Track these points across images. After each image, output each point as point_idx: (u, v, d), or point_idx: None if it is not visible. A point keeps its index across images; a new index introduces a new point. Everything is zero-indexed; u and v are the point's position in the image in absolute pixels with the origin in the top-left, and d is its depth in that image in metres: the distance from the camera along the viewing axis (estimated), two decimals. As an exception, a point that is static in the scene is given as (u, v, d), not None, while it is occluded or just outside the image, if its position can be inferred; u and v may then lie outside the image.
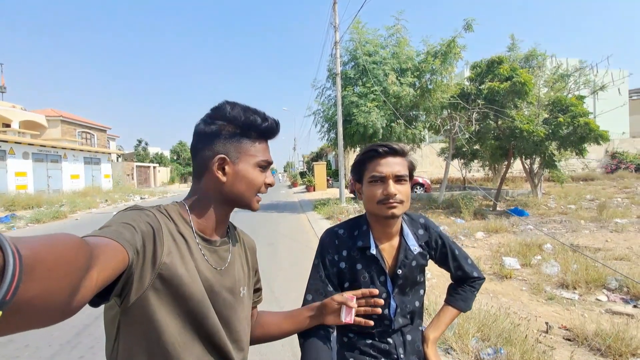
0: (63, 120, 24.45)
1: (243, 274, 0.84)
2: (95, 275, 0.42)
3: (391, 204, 1.00)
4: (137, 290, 0.62)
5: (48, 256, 0.32)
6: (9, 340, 2.83)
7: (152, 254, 0.63)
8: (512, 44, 12.88)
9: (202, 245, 0.74)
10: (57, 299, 0.33)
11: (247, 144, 0.77)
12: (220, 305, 0.74)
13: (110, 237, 0.53)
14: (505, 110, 9.57)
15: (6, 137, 16.18)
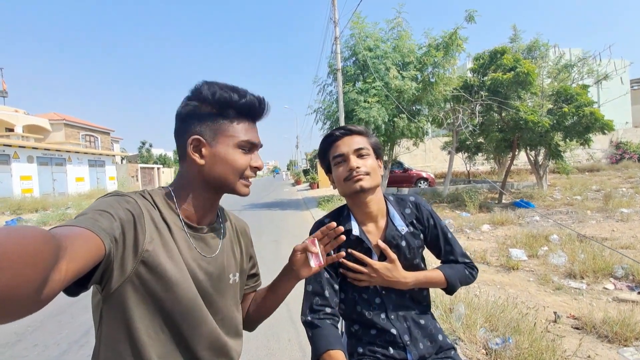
0: (66, 124, 24.61)
1: (234, 261, 0.83)
2: (65, 267, 0.41)
3: (356, 177, 1.01)
4: (119, 278, 0.60)
5: (8, 249, 0.31)
6: (18, 340, 2.85)
7: (134, 241, 0.62)
8: (515, 35, 12.73)
9: (189, 232, 0.73)
10: (22, 291, 0.32)
11: (225, 124, 0.72)
12: (208, 292, 0.73)
13: (84, 226, 0.51)
14: (509, 101, 9.48)
15: (10, 142, 16.32)
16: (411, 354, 1.01)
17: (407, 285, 1.04)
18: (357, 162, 1.02)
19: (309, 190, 21.29)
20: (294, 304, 3.38)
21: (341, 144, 1.05)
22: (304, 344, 2.65)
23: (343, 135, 1.06)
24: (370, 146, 1.07)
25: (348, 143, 1.05)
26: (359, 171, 1.01)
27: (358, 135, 1.07)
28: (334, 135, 1.07)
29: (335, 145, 1.07)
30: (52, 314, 3.36)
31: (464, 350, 2.28)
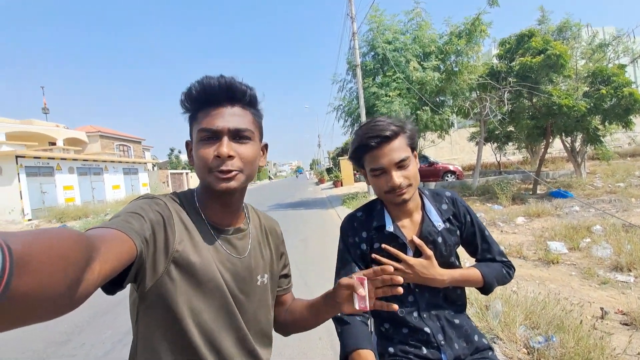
0: (102, 135, 26.10)
1: (263, 262, 0.81)
2: (98, 267, 0.42)
3: (399, 192, 0.96)
4: (152, 277, 0.62)
5: (41, 250, 0.31)
6: (67, 339, 3.05)
7: (164, 242, 0.63)
8: (542, 17, 12.02)
9: (215, 234, 0.73)
10: (55, 292, 0.33)
11: (193, 120, 0.70)
12: (237, 293, 0.73)
13: (117, 228, 0.53)
14: (540, 86, 8.98)
15: (53, 154, 17.49)
16: (446, 355, 0.97)
17: (444, 283, 0.98)
18: (399, 177, 0.95)
19: (333, 189, 21.28)
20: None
21: (380, 156, 0.96)
22: (335, 342, 2.65)
23: (379, 144, 0.95)
24: (408, 146, 0.99)
25: (387, 154, 0.95)
26: (401, 186, 0.95)
27: (395, 139, 0.96)
28: (369, 146, 0.96)
29: (372, 155, 0.97)
30: (97, 314, 3.57)
31: (503, 350, 2.18)
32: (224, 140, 0.67)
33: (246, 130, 0.69)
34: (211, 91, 0.66)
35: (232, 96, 0.68)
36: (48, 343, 3.01)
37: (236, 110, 0.69)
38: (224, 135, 0.67)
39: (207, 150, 0.67)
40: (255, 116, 0.73)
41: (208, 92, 0.67)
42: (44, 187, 16.50)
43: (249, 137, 0.70)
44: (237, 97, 0.69)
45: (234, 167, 0.67)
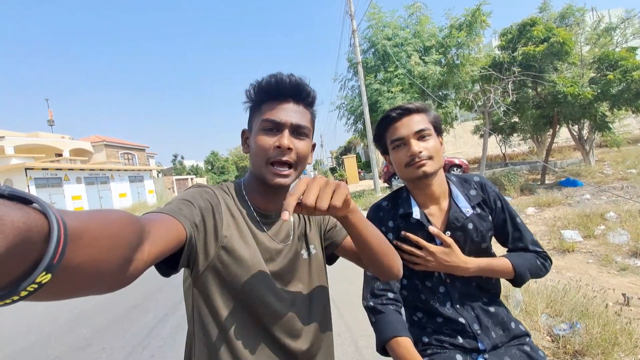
0: (106, 145, 26.35)
1: (305, 238, 0.83)
2: (147, 248, 0.44)
3: (419, 163, 0.95)
4: (204, 262, 0.66)
5: (95, 226, 0.33)
6: (88, 344, 3.07)
7: (213, 228, 0.66)
8: (544, 4, 11.90)
9: (260, 220, 0.75)
10: (106, 267, 0.35)
11: (257, 110, 0.74)
12: (282, 276, 0.75)
13: (168, 213, 0.57)
14: (544, 75, 8.89)
15: (61, 165, 17.70)
16: (483, 343, 0.94)
17: (468, 271, 0.95)
18: (418, 146, 0.95)
19: (339, 188, 21.21)
20: (339, 299, 3.38)
21: (400, 126, 0.97)
22: (355, 336, 2.64)
23: (401, 115, 0.98)
24: (431, 124, 0.99)
25: (407, 125, 0.96)
26: (421, 156, 0.94)
27: (417, 114, 0.98)
28: (391, 117, 0.99)
29: (393, 127, 0.99)
30: (115, 319, 3.59)
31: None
32: (285, 132, 0.70)
33: (305, 128, 0.73)
34: (281, 86, 0.70)
35: (298, 94, 0.72)
36: (69, 348, 3.03)
37: (299, 108, 0.73)
38: (286, 128, 0.70)
39: (268, 139, 0.70)
40: (312, 116, 0.78)
41: (279, 86, 0.70)
42: (53, 197, 16.70)
43: (307, 134, 0.74)
44: (302, 96, 0.73)
45: (290, 159, 0.70)
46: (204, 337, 0.68)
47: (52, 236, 0.27)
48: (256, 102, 0.74)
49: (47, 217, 0.28)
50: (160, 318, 3.49)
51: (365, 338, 2.61)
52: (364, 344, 2.54)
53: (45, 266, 0.27)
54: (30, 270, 0.27)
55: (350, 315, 3.03)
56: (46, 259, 0.27)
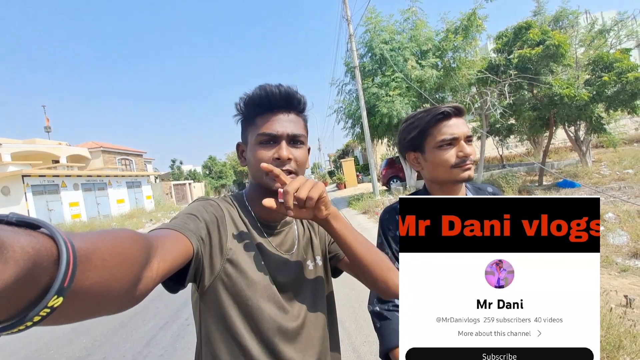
0: (104, 151, 26.24)
1: (312, 248, 0.82)
2: (156, 265, 0.44)
3: (467, 166, 0.94)
4: (210, 276, 0.65)
5: (103, 247, 0.33)
6: (87, 354, 3.04)
7: (219, 241, 0.66)
8: (538, 7, 12.06)
9: (265, 230, 0.75)
10: (117, 287, 0.35)
11: (250, 123, 0.74)
12: (288, 286, 0.74)
13: (174, 228, 0.58)
14: (540, 77, 8.97)
15: (58, 172, 17.60)
16: None
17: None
18: (470, 149, 0.94)
19: (337, 191, 21.25)
20: (339, 305, 3.37)
21: (455, 125, 0.94)
22: (356, 343, 2.63)
23: (454, 114, 0.95)
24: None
25: (461, 125, 0.94)
26: (470, 160, 0.94)
27: (463, 117, 0.97)
28: (446, 112, 0.94)
29: (445, 124, 0.95)
30: (115, 329, 3.56)
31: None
32: (283, 144, 0.71)
33: (301, 136, 0.74)
34: (272, 97, 0.71)
35: (290, 104, 0.73)
36: (68, 358, 3.00)
37: (292, 116, 0.74)
38: (283, 140, 0.71)
39: (266, 153, 0.71)
40: (305, 122, 0.79)
41: (270, 99, 0.71)
42: (50, 204, 16.59)
43: (303, 141, 0.76)
44: (294, 104, 0.74)
45: (291, 168, 0.72)
46: (211, 353, 0.68)
47: (62, 259, 0.28)
48: (248, 115, 0.74)
49: (56, 241, 0.28)
50: (161, 326, 3.46)
51: (368, 344, 2.59)
52: (367, 350, 2.52)
53: (57, 290, 0.27)
54: (42, 295, 0.27)
55: (351, 322, 3.01)
56: (57, 283, 0.27)
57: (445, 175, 0.97)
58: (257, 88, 0.72)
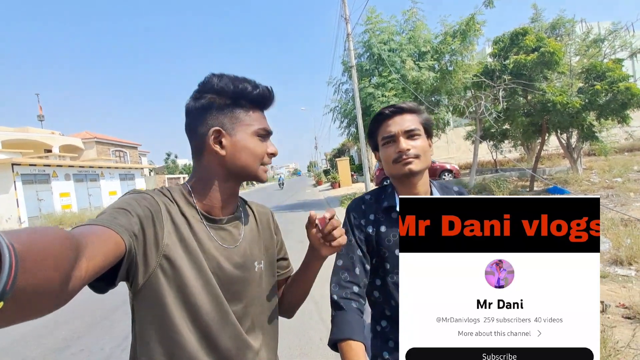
0: (97, 142, 25.95)
1: (258, 248, 0.82)
2: (85, 264, 0.42)
3: (406, 160, 0.96)
4: (144, 274, 0.62)
5: (35, 248, 0.32)
6: (67, 345, 3.01)
7: (154, 236, 0.63)
8: (535, 14, 12.17)
9: (208, 224, 0.73)
10: (48, 288, 0.34)
11: (241, 113, 0.74)
12: (230, 283, 0.72)
13: (103, 224, 0.53)
14: (534, 83, 9.05)
15: (49, 162, 17.40)
16: None
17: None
18: (407, 144, 0.97)
19: (331, 190, 21.27)
20: (322, 302, 3.37)
21: (391, 124, 1.00)
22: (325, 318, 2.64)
23: (393, 114, 1.00)
24: (422, 125, 1.01)
25: (398, 122, 0.99)
26: (408, 154, 0.96)
27: (409, 114, 1.00)
28: (384, 114, 1.02)
29: (385, 124, 1.02)
30: (95, 321, 3.53)
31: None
32: (270, 141, 0.81)
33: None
34: (269, 100, 0.79)
35: (270, 106, 0.81)
36: (47, 349, 2.97)
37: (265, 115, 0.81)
38: (270, 136, 0.80)
39: (262, 145, 0.77)
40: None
41: (268, 100, 0.78)
42: (40, 194, 16.39)
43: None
44: (270, 107, 0.81)
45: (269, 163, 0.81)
46: (145, 353, 0.65)
47: (4, 263, 0.26)
48: (240, 104, 0.75)
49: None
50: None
51: (347, 342, 2.60)
52: (345, 349, 2.53)
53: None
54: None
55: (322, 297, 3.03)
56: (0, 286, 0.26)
57: (390, 171, 1.02)
58: (259, 86, 0.76)
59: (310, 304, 3.45)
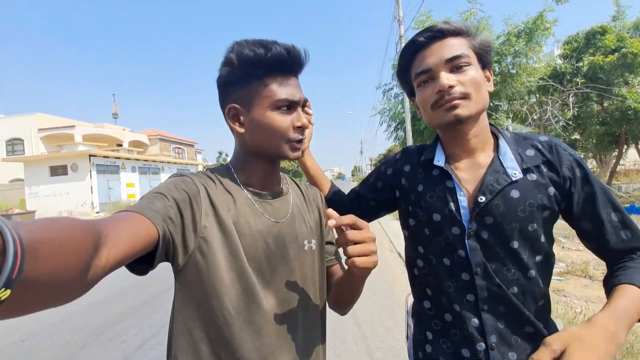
0: (161, 139, 28.43)
1: (306, 227, 0.76)
2: (106, 252, 0.43)
3: (449, 102, 0.69)
4: (184, 256, 0.62)
5: (50, 237, 0.33)
6: (120, 320, 3.29)
7: (192, 219, 0.62)
8: (617, 12, 10.86)
9: (254, 199, 0.70)
10: (65, 277, 0.34)
11: (257, 84, 0.66)
12: (276, 257, 0.68)
13: (136, 210, 0.54)
14: (612, 88, 8.04)
15: (119, 155, 19.38)
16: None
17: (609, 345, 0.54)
18: (449, 79, 0.69)
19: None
20: (358, 307, 3.28)
21: (428, 54, 0.72)
22: (371, 348, 2.54)
23: (430, 40, 0.72)
24: (473, 50, 0.73)
25: (437, 52, 0.71)
26: (452, 93, 0.69)
27: (453, 37, 0.72)
28: (417, 42, 0.73)
29: (420, 55, 0.74)
30: (145, 301, 3.82)
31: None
32: (299, 111, 0.69)
33: (307, 101, 0.72)
34: (285, 61, 0.65)
35: (301, 68, 0.69)
36: (103, 322, 3.27)
37: (298, 81, 0.70)
38: (299, 106, 0.69)
39: (286, 119, 0.67)
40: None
41: (282, 61, 0.65)
42: (110, 183, 18.31)
43: (309, 106, 0.74)
44: (302, 69, 0.70)
45: (305, 135, 0.72)
46: (184, 332, 0.65)
47: (8, 251, 0.27)
48: (252, 74, 0.65)
49: (1, 232, 0.27)
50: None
51: (382, 351, 2.49)
52: (380, 357, 2.43)
53: (4, 282, 0.26)
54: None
55: (367, 325, 2.92)
56: (4, 275, 0.26)
57: (431, 120, 0.76)
58: (272, 44, 0.64)
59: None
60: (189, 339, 0.64)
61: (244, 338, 0.64)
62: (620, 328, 0.56)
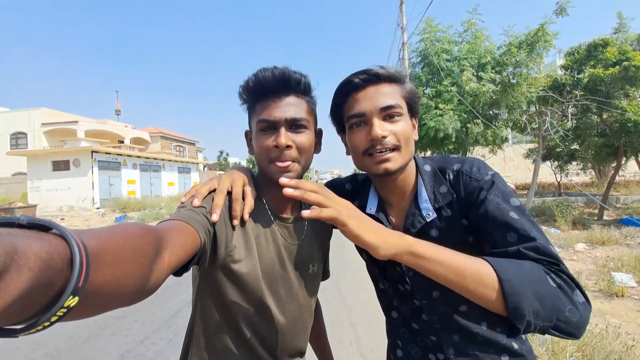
0: (162, 136, 28.55)
1: (315, 251, 0.83)
2: (167, 257, 0.46)
3: (380, 157, 0.70)
4: (212, 264, 0.68)
5: (113, 244, 0.35)
6: (123, 315, 3.38)
7: (225, 236, 0.68)
8: (619, 24, 10.96)
9: (277, 222, 0.76)
10: (129, 282, 0.36)
11: (252, 111, 0.74)
12: (289, 278, 0.76)
13: (183, 219, 0.59)
14: (612, 101, 8.13)
15: (121, 151, 19.48)
16: None
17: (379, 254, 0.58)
18: (383, 129, 0.69)
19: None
20: (355, 309, 3.38)
21: (362, 98, 0.72)
22: (364, 350, 2.63)
23: (366, 83, 0.72)
24: (404, 100, 0.74)
25: (372, 98, 0.71)
26: (385, 143, 0.69)
27: (387, 84, 0.72)
28: (353, 83, 0.72)
29: (354, 98, 0.73)
30: (150, 298, 3.90)
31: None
32: (282, 130, 0.69)
33: (302, 120, 0.71)
34: (266, 82, 0.68)
35: (287, 85, 0.70)
36: (107, 316, 3.35)
37: (291, 99, 0.70)
38: (282, 126, 0.69)
39: (266, 140, 0.70)
40: (309, 104, 0.75)
41: (263, 84, 0.69)
42: (111, 179, 18.39)
43: (305, 125, 0.72)
44: (292, 85, 0.70)
45: (291, 157, 0.70)
46: (206, 331, 0.72)
47: (75, 260, 0.28)
48: (249, 102, 0.74)
49: (68, 242, 0.29)
50: (188, 301, 3.73)
51: (377, 352, 2.58)
52: (374, 358, 2.52)
53: (72, 290, 0.28)
54: (58, 296, 0.28)
55: (363, 327, 3.02)
56: (72, 284, 0.28)
57: (359, 164, 0.76)
58: (252, 74, 0.70)
59: (341, 308, 3.47)
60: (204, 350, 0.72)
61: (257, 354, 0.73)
62: (419, 244, 0.60)
